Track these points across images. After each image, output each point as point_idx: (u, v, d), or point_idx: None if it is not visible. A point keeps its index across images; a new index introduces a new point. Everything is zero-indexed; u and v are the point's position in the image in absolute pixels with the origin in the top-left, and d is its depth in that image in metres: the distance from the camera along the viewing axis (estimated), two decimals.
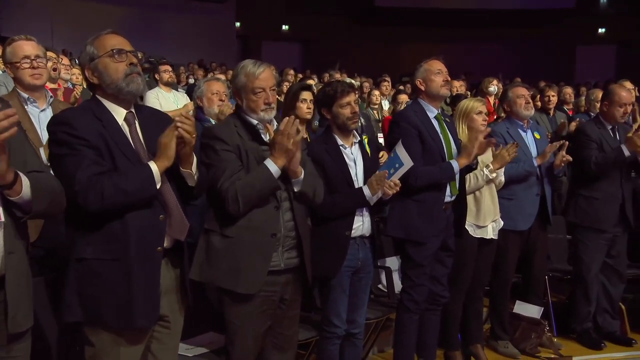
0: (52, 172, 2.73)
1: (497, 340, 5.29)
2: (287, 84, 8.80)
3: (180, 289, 2.97)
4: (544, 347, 5.31)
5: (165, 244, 2.82)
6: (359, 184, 3.94)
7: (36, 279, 3.26)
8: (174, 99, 7.17)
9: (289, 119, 3.21)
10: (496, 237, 4.83)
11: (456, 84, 9.81)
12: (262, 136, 3.33)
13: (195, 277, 3.21)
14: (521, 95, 5.14)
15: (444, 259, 4.45)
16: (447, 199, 4.33)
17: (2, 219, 2.39)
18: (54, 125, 2.71)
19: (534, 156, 5.09)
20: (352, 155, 3.97)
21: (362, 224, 3.96)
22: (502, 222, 4.85)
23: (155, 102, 6.77)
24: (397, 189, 3.89)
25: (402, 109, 5.88)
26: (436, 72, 4.28)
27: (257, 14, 25.29)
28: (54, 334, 3.26)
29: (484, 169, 4.65)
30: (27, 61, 3.87)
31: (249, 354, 3.38)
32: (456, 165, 4.25)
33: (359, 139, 4.04)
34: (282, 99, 6.09)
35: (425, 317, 4.49)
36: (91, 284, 2.70)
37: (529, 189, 5.07)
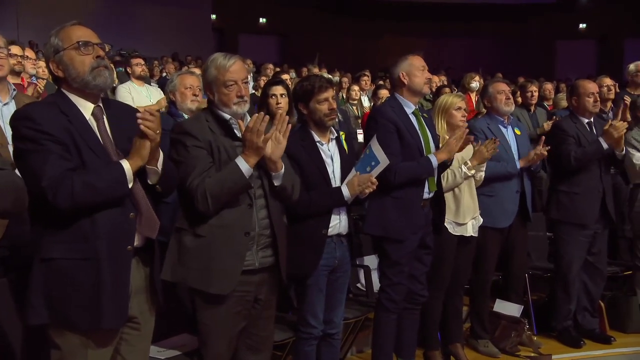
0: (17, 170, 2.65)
1: (477, 339, 5.24)
2: (264, 78, 8.69)
3: (150, 289, 2.90)
4: (523, 346, 5.27)
5: (135, 243, 2.76)
6: (336, 182, 3.88)
7: (0, 280, 3.17)
8: (147, 93, 7.06)
9: (257, 115, 3.12)
10: (476, 235, 4.78)
11: (436, 79, 9.72)
12: (235, 131, 3.25)
13: (166, 277, 3.13)
14: (502, 90, 5.09)
15: (422, 257, 4.39)
16: (426, 195, 4.28)
17: None
18: (16, 120, 2.64)
19: (515, 153, 5.05)
20: (329, 152, 3.91)
21: (339, 222, 3.89)
22: (481, 220, 4.81)
23: (126, 96, 6.66)
24: (374, 187, 3.83)
25: (379, 104, 5.83)
26: (420, 68, 4.24)
27: (233, 6, 24.78)
28: (19, 338, 3.16)
29: (462, 166, 4.59)
30: None
31: (222, 356, 3.30)
32: (434, 159, 4.18)
33: (336, 135, 3.97)
34: (259, 94, 6.01)
35: (403, 316, 4.44)
36: (59, 284, 2.63)
37: (509, 186, 5.03)
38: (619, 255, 6.37)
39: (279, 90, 4.69)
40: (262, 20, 26.67)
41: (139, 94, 6.94)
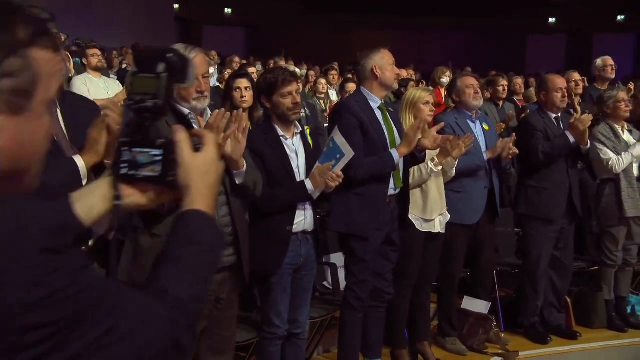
0: None
1: (444, 336, 5.20)
2: (229, 71, 8.53)
3: None
4: (491, 343, 5.24)
5: (89, 242, 2.60)
6: (300, 176, 3.81)
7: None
8: (104, 86, 6.82)
9: (218, 111, 3.02)
10: (443, 232, 4.72)
11: (404, 73, 9.63)
12: (194, 127, 3.13)
13: (122, 277, 3.03)
14: (470, 85, 5.05)
15: (388, 254, 4.33)
16: (391, 192, 4.21)
17: None
18: None
19: (483, 148, 5.01)
20: (294, 146, 3.82)
21: (304, 219, 3.81)
22: (449, 216, 4.75)
23: (82, 88, 6.42)
24: (340, 180, 3.74)
25: (344, 98, 5.77)
26: (391, 63, 4.19)
27: None
28: None
29: (429, 162, 4.51)
30: None
31: None
32: (396, 154, 4.10)
33: (301, 129, 3.89)
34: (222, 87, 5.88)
35: (369, 314, 4.38)
36: None
37: (477, 182, 4.98)
38: (586, 250, 6.38)
39: (243, 83, 4.60)
40: (227, 10, 25.93)
41: (96, 87, 6.69)
